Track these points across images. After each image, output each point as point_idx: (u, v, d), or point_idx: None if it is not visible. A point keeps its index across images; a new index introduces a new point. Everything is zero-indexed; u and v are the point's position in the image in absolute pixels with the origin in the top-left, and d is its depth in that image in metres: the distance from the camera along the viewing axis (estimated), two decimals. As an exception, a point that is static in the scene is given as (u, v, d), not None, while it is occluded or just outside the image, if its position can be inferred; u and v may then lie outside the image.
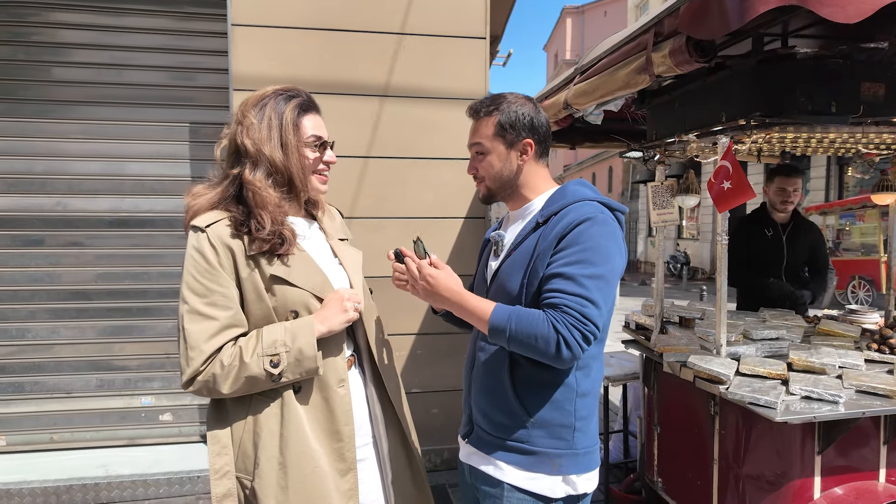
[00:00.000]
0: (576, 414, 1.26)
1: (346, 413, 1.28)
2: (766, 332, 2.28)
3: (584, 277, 1.15)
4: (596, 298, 1.15)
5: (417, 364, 3.26)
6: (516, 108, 1.31)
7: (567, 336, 1.12)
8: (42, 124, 3.15)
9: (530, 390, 1.25)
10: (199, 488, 3.00)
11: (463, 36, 3.21)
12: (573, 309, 1.13)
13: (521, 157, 1.32)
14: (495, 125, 1.31)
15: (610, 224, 1.23)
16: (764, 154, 2.62)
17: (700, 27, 1.51)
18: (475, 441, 1.34)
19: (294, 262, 1.26)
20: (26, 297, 3.17)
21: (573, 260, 1.17)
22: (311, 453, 1.23)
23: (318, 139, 1.31)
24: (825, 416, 1.70)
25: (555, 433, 1.25)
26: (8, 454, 3.15)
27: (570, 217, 1.21)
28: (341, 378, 1.29)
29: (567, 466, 1.25)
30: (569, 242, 1.19)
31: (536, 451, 1.25)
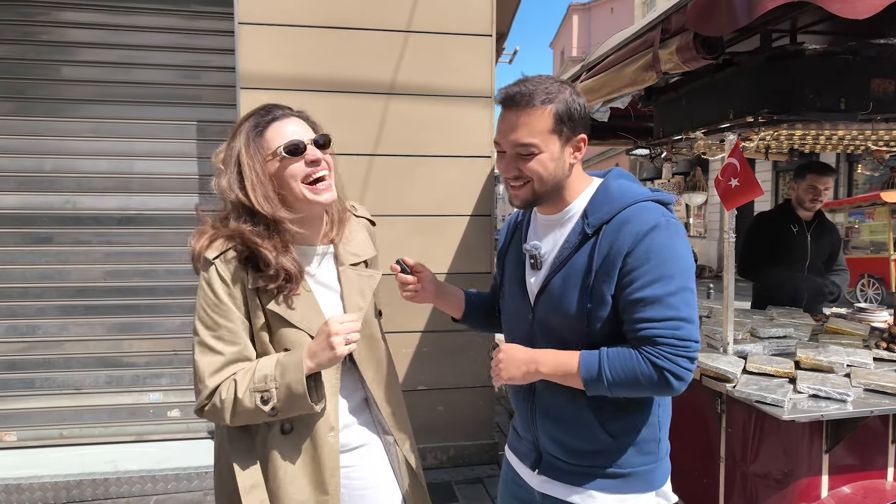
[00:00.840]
0: (660, 424, 1.19)
1: (333, 464, 1.24)
2: (774, 331, 2.27)
3: (669, 296, 1.05)
4: (687, 315, 1.06)
5: (423, 361, 3.26)
6: (573, 97, 1.11)
7: (671, 367, 1.04)
8: (51, 123, 3.17)
9: (616, 415, 1.15)
10: (206, 484, 3.02)
11: (469, 33, 3.20)
12: (667, 336, 1.04)
13: (574, 154, 1.14)
14: (553, 118, 1.09)
15: (673, 224, 1.10)
16: (772, 151, 2.60)
17: (707, 24, 1.50)
18: (549, 471, 1.23)
19: (297, 302, 1.22)
20: (36, 294, 3.20)
21: (651, 279, 1.05)
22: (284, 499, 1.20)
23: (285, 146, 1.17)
24: (833, 414, 1.69)
25: (644, 450, 1.17)
26: (18, 449, 3.19)
27: (631, 228, 1.07)
28: (331, 426, 1.24)
29: (658, 479, 1.19)
30: (640, 259, 1.06)
31: (628, 472, 1.16)
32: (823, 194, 2.94)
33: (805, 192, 2.95)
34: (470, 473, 3.21)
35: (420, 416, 1.52)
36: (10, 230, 3.17)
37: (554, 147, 1.11)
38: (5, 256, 3.17)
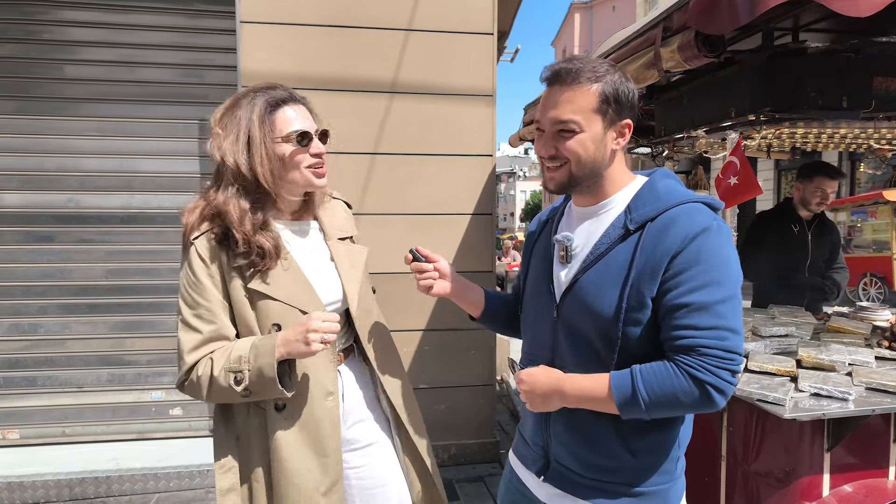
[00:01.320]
0: (679, 443, 1.13)
1: (333, 426, 1.27)
2: (776, 329, 2.27)
3: (717, 304, 0.97)
4: (733, 325, 0.98)
5: (424, 360, 3.26)
6: (622, 80, 1.06)
7: (714, 381, 0.96)
8: (53, 121, 3.18)
9: (640, 434, 1.08)
10: (208, 482, 3.03)
11: (470, 32, 3.20)
12: (712, 347, 0.96)
13: (617, 140, 1.08)
14: (599, 97, 1.03)
15: (725, 229, 1.03)
16: (774, 150, 2.60)
17: (709, 22, 1.50)
18: (558, 481, 1.16)
19: (276, 275, 1.23)
20: (39, 292, 3.21)
21: (699, 284, 0.98)
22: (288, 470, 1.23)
23: (298, 132, 1.22)
24: (834, 413, 1.69)
25: (662, 469, 1.11)
26: (21, 447, 3.20)
27: (681, 228, 1.00)
28: (329, 391, 1.27)
29: (673, 497, 1.14)
30: (688, 262, 0.98)
31: (643, 491, 1.10)
32: (830, 196, 2.94)
33: (812, 194, 2.94)
34: (472, 472, 3.21)
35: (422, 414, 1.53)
36: (12, 228, 3.18)
37: (596, 128, 1.05)
38: (8, 255, 3.18)
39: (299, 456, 1.23)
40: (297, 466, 1.23)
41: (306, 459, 1.24)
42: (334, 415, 1.28)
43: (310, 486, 1.24)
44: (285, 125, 1.22)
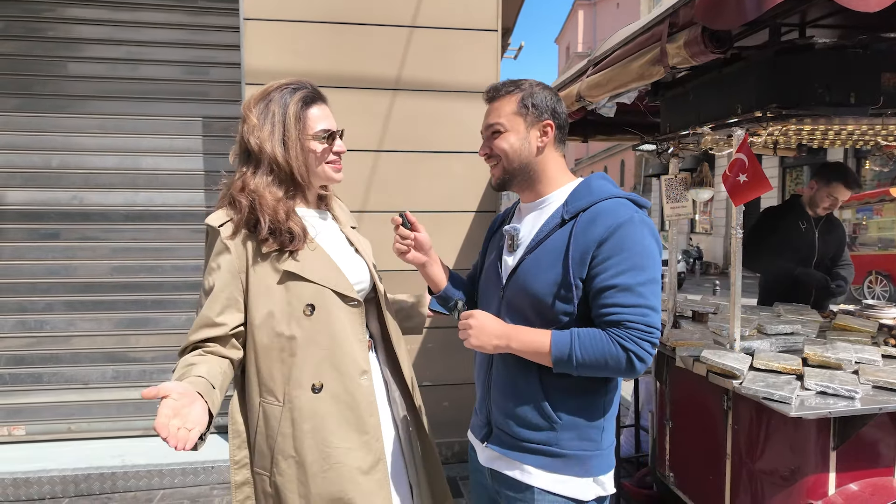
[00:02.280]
0: (605, 412, 1.25)
1: (370, 404, 1.31)
2: (781, 327, 2.26)
3: (639, 286, 1.13)
4: (654, 304, 1.15)
5: (428, 358, 3.26)
6: (539, 91, 1.27)
7: (637, 350, 1.12)
8: (58, 119, 3.19)
9: (563, 395, 1.22)
10: (212, 478, 3.04)
11: (474, 28, 3.19)
12: (636, 322, 1.12)
13: (541, 138, 1.26)
14: (517, 103, 1.25)
15: (647, 222, 1.19)
16: (780, 146, 2.58)
17: (716, 17, 1.49)
18: (497, 443, 1.29)
19: (307, 256, 1.28)
20: (44, 289, 3.22)
21: (624, 269, 1.14)
22: (328, 451, 1.25)
23: (325, 131, 1.31)
24: (841, 411, 1.68)
25: (584, 435, 1.23)
26: (27, 443, 3.22)
27: (606, 220, 1.16)
28: (363, 369, 1.31)
29: (596, 467, 1.24)
30: (613, 249, 1.14)
31: (567, 454, 1.22)
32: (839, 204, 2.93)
33: (823, 198, 2.92)
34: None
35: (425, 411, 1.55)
36: (17, 226, 3.19)
37: (519, 127, 1.26)
38: (14, 252, 3.19)
39: (340, 434, 1.26)
40: (338, 445, 1.26)
41: (347, 438, 1.27)
42: (370, 392, 1.31)
43: (352, 464, 1.26)
44: (315, 123, 1.30)
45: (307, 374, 1.26)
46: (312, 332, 1.26)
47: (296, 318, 1.25)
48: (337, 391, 1.27)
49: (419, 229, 1.39)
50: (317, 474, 1.24)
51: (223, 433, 3.37)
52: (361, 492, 1.26)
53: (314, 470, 1.24)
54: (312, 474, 1.24)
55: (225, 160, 3.41)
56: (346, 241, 1.44)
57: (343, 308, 1.30)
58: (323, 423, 1.25)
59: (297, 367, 1.25)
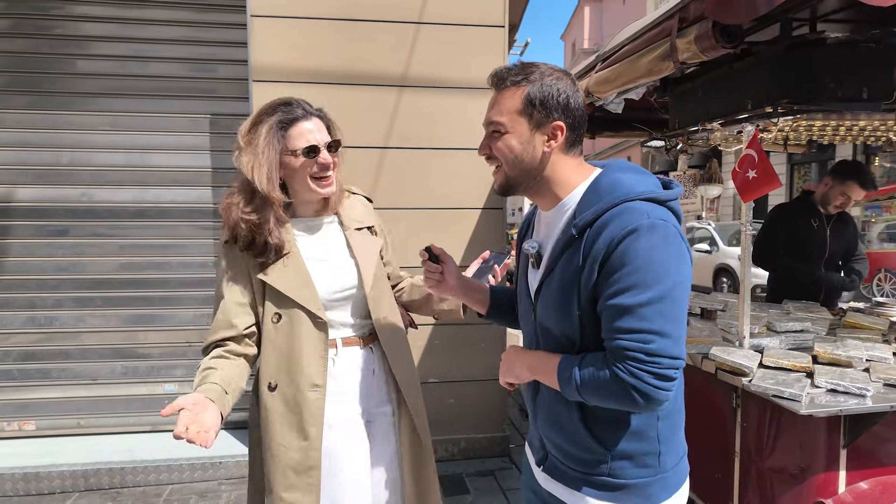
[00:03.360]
0: (659, 439, 1.11)
1: (314, 416, 1.41)
2: (791, 325, 2.25)
3: (640, 307, 0.97)
4: (659, 328, 0.97)
5: (434, 355, 3.27)
6: (552, 82, 1.06)
7: (636, 384, 0.97)
8: (67, 116, 3.21)
9: (605, 426, 1.11)
10: (220, 474, 3.06)
11: (481, 25, 3.18)
12: (634, 350, 0.97)
13: (548, 143, 1.07)
14: (523, 99, 1.06)
15: (660, 228, 0.99)
16: (790, 143, 2.56)
17: (727, 12, 1.48)
18: (552, 471, 1.21)
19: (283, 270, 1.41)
20: (53, 285, 3.24)
21: (623, 287, 0.98)
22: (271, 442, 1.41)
23: (305, 148, 1.37)
24: (851, 409, 1.67)
25: (640, 462, 1.11)
26: (37, 438, 3.25)
27: (609, 231, 1.00)
28: (314, 383, 1.41)
29: (657, 493, 1.12)
30: (615, 265, 0.99)
31: (623, 483, 1.11)
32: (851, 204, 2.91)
33: (836, 196, 2.90)
34: (481, 466, 3.22)
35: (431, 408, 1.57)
36: (27, 222, 3.21)
37: (522, 129, 1.07)
38: (24, 249, 3.22)
39: (282, 432, 1.41)
40: (279, 442, 1.40)
41: (287, 437, 1.41)
42: (318, 406, 1.42)
43: (286, 462, 1.40)
44: (296, 141, 1.38)
45: (267, 372, 1.42)
46: (276, 337, 1.41)
47: (266, 322, 1.41)
48: (286, 395, 1.41)
49: (446, 260, 1.36)
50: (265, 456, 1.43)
51: (231, 429, 3.39)
52: (289, 485, 1.40)
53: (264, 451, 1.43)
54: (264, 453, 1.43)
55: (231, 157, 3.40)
56: (344, 245, 1.51)
57: (307, 323, 1.42)
58: (272, 417, 1.41)
59: (263, 363, 1.43)
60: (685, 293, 1.02)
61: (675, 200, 1.09)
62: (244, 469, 3.07)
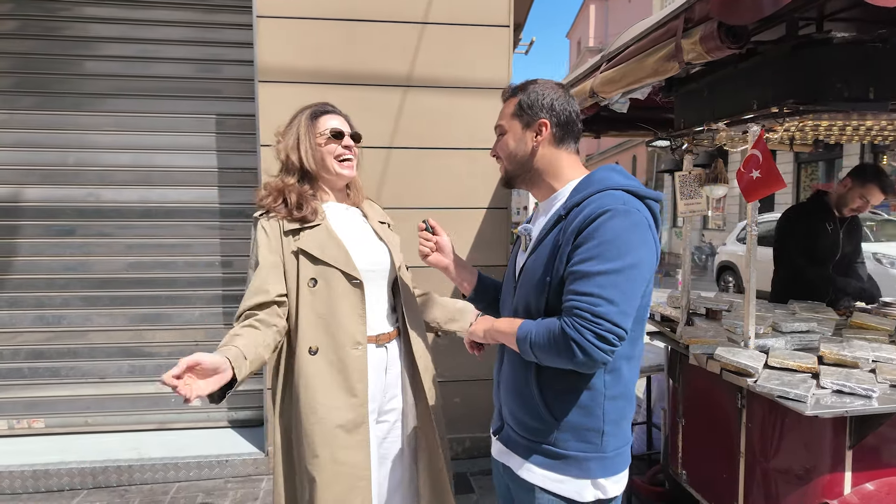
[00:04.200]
0: (605, 418, 1.21)
1: (360, 371, 1.49)
2: (796, 325, 2.24)
3: (597, 275, 1.09)
4: (610, 295, 1.08)
5: (440, 353, 3.25)
6: (539, 90, 1.28)
7: (577, 338, 1.07)
8: (74, 117, 3.23)
9: (556, 395, 1.22)
10: (227, 472, 3.08)
11: (486, 24, 3.18)
12: (583, 309, 1.08)
13: (536, 137, 1.27)
14: (515, 105, 1.30)
15: (633, 215, 1.14)
16: (796, 142, 2.55)
17: (733, 12, 1.47)
18: (505, 439, 1.33)
19: (317, 237, 1.51)
20: (61, 285, 3.27)
21: (586, 257, 1.11)
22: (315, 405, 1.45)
23: (332, 130, 1.57)
24: (857, 410, 1.66)
25: (582, 437, 1.21)
26: (46, 436, 3.28)
27: (589, 209, 1.15)
28: (357, 341, 1.49)
29: (595, 470, 1.22)
30: (585, 238, 1.13)
31: (564, 454, 1.22)
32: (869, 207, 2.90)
33: (856, 199, 2.88)
34: (486, 465, 3.22)
35: None
36: (35, 222, 3.24)
37: (516, 129, 1.30)
38: (32, 248, 3.25)
39: (329, 394, 1.45)
40: (323, 402, 1.44)
41: (335, 398, 1.46)
42: (362, 363, 1.49)
43: (335, 421, 1.44)
44: (325, 125, 1.58)
45: (306, 337, 1.47)
46: (313, 301, 1.48)
47: (302, 288, 1.48)
48: (329, 356, 1.47)
49: (441, 233, 1.52)
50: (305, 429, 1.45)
51: (238, 427, 3.41)
52: (340, 445, 1.45)
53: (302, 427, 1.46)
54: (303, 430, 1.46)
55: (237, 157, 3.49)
56: (371, 231, 1.65)
57: (345, 284, 1.50)
58: (313, 382, 1.45)
59: (300, 329, 1.48)
60: (642, 276, 1.14)
61: (655, 202, 1.22)
62: (250, 467, 3.09)
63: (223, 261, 3.37)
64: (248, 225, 3.31)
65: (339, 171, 1.59)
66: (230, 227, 3.36)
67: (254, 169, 3.22)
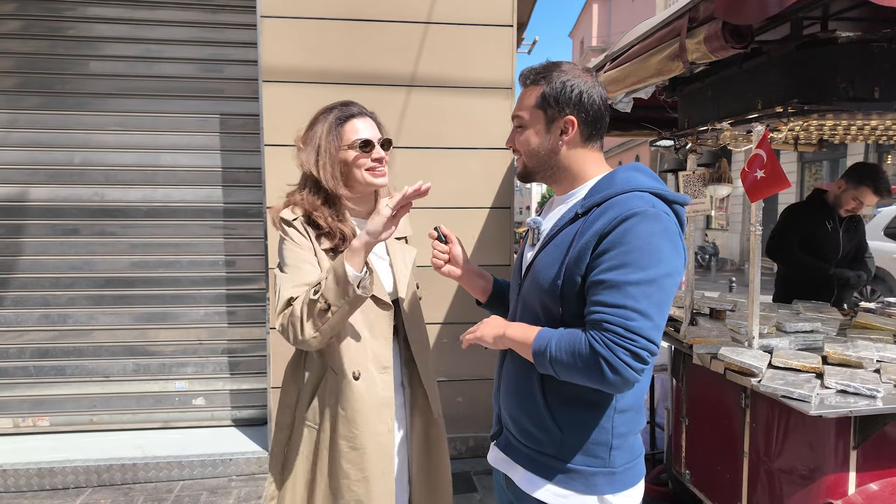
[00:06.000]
0: (613, 432, 1.13)
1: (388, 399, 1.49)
2: (801, 325, 2.23)
3: (630, 285, 0.99)
4: (644, 308, 0.98)
5: (443, 353, 3.28)
6: (565, 80, 1.13)
7: (608, 356, 0.98)
8: (79, 116, 3.24)
9: (562, 405, 1.13)
10: (231, 470, 3.09)
11: (490, 24, 3.18)
12: (615, 324, 0.98)
13: (561, 136, 1.15)
14: (538, 96, 1.15)
15: (662, 219, 1.04)
16: (801, 142, 2.54)
17: (737, 12, 1.47)
18: (504, 445, 1.26)
19: None
20: (67, 283, 3.29)
21: (616, 264, 1.01)
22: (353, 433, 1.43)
23: (360, 141, 1.45)
24: (862, 410, 1.66)
25: (589, 451, 1.13)
26: (51, 434, 3.29)
27: (614, 211, 1.04)
28: (384, 365, 1.48)
29: (602, 485, 1.13)
30: (612, 243, 1.02)
31: (569, 468, 1.13)
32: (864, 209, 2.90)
33: (849, 200, 2.88)
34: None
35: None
36: (41, 221, 3.26)
37: (538, 123, 1.17)
38: (38, 247, 3.26)
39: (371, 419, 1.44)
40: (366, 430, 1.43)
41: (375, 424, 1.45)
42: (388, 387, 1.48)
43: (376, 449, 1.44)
44: (352, 135, 1.46)
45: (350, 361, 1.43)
46: (351, 326, 1.44)
47: None
48: (367, 381, 1.44)
49: (454, 242, 1.42)
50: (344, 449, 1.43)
51: (242, 426, 3.42)
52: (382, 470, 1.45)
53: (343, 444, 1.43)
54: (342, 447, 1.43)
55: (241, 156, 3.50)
56: (385, 250, 1.59)
57: (375, 309, 1.47)
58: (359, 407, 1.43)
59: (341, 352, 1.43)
60: (673, 286, 1.05)
61: (682, 206, 1.13)
62: (254, 466, 3.10)
63: (227, 260, 3.38)
64: (252, 224, 3.36)
65: (370, 180, 1.48)
66: (234, 226, 3.37)
67: (258, 169, 3.23)
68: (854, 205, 2.87)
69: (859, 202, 2.85)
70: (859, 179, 2.83)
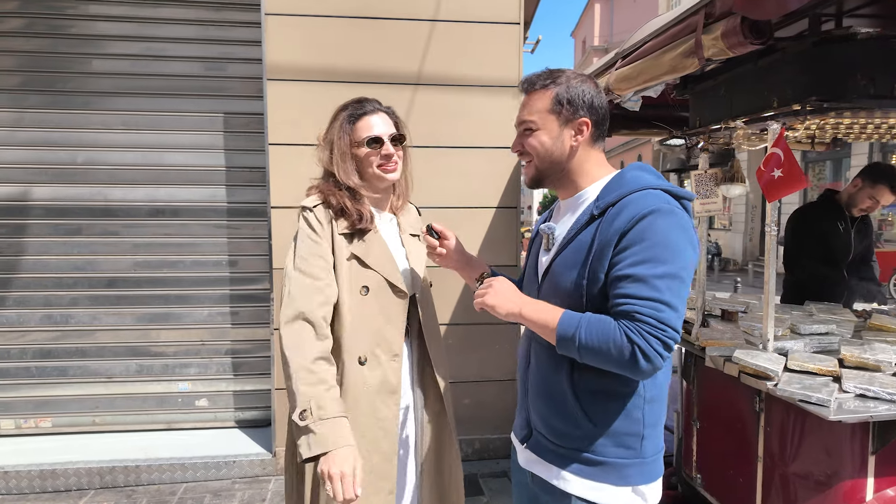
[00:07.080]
0: (644, 421, 1.17)
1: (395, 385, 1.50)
2: (815, 327, 2.20)
3: (655, 278, 1.05)
4: (670, 300, 1.05)
5: (449, 354, 3.19)
6: (577, 84, 1.20)
7: (643, 345, 1.03)
8: (82, 115, 3.22)
9: (594, 398, 1.17)
10: (234, 472, 3.06)
11: (496, 21, 3.15)
12: (646, 315, 1.04)
13: (575, 137, 1.21)
14: (551, 99, 1.20)
15: (677, 214, 1.11)
16: (816, 141, 2.50)
17: (757, 7, 1.44)
18: (535, 447, 1.28)
19: (370, 244, 1.49)
20: (69, 284, 3.26)
21: (640, 259, 1.07)
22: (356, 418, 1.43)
23: (369, 138, 1.49)
24: (882, 415, 1.63)
25: (621, 442, 1.17)
26: (54, 435, 3.27)
27: (631, 209, 1.10)
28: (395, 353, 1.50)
29: (635, 476, 1.18)
30: (633, 239, 1.08)
31: (602, 460, 1.17)
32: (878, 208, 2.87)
33: (865, 199, 2.84)
34: (496, 467, 3.20)
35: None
36: (44, 221, 3.23)
37: (552, 126, 1.21)
38: (41, 247, 3.23)
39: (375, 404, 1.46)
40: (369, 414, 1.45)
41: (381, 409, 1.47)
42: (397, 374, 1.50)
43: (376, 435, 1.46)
44: (363, 132, 1.50)
45: (357, 346, 1.44)
46: (364, 309, 1.45)
47: (354, 294, 1.45)
48: (374, 367, 1.46)
49: (448, 237, 1.50)
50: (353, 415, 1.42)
51: (245, 428, 3.39)
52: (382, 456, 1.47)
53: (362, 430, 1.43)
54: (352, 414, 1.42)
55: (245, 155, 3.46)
56: (401, 244, 1.61)
57: (390, 295, 1.49)
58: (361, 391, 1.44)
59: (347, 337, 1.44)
60: (690, 275, 1.12)
61: (689, 201, 1.19)
62: (258, 468, 3.07)
63: (230, 260, 3.35)
64: (256, 223, 3.33)
65: (384, 176, 1.51)
66: (238, 226, 3.34)
67: (262, 168, 3.20)
68: (870, 203, 2.84)
69: (875, 201, 2.82)
70: (876, 178, 2.80)
